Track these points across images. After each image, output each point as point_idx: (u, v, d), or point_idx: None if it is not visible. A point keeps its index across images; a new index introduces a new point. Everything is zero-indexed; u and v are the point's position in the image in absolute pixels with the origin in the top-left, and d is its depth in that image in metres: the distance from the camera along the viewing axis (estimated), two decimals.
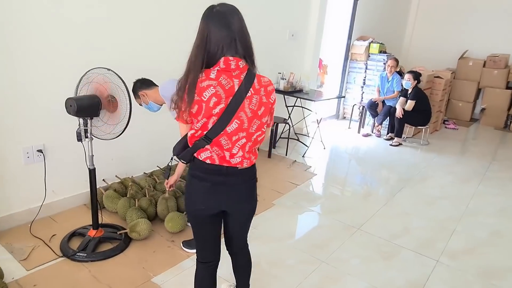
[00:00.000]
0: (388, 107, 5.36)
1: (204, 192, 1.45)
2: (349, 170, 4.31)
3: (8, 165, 2.40)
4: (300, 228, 2.90)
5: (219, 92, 1.31)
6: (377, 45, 5.82)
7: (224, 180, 1.44)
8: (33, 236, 2.41)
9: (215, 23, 1.31)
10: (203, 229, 1.57)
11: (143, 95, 2.37)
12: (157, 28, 3.02)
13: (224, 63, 1.32)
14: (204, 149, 1.39)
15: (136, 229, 2.44)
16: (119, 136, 2.12)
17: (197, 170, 1.44)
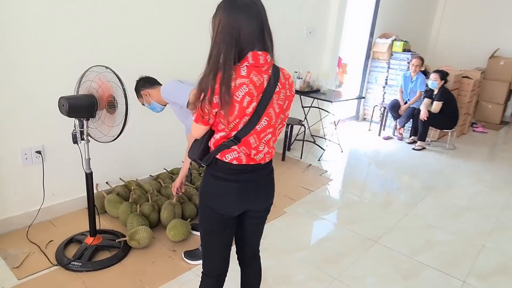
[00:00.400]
0: (411, 108, 5.05)
1: (232, 193, 1.37)
2: (368, 176, 4.06)
3: (5, 166, 2.30)
4: (312, 239, 2.69)
5: (251, 90, 1.23)
6: (401, 43, 5.51)
7: (250, 178, 1.37)
8: (30, 242, 2.31)
9: (245, 16, 1.21)
10: (219, 236, 1.45)
11: (145, 95, 2.22)
12: (157, 27, 2.86)
13: (253, 58, 1.23)
14: (231, 150, 1.31)
15: (135, 237, 2.30)
16: (116, 138, 1.96)
17: (220, 171, 1.34)
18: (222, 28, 1.21)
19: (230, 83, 1.19)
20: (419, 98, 5.06)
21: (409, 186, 3.82)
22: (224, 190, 1.36)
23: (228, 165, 1.33)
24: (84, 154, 2.08)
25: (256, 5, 1.23)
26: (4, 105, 2.20)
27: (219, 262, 1.51)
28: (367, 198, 3.45)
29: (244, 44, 1.22)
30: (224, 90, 1.19)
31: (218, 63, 1.21)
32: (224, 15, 1.21)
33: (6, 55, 2.14)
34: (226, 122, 1.26)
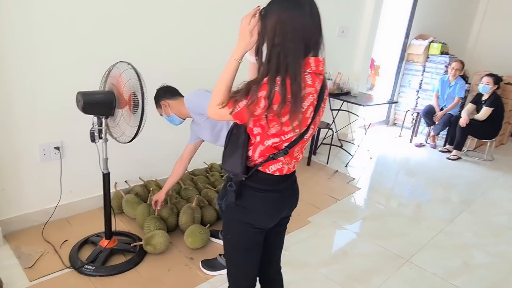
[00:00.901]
0: (448, 115, 4.75)
1: (273, 204, 1.29)
2: (398, 186, 3.83)
3: (23, 162, 2.23)
4: (337, 253, 2.50)
5: (315, 100, 1.16)
6: (438, 45, 5.20)
7: (287, 186, 1.31)
8: (44, 240, 2.24)
9: (308, 15, 1.09)
10: (254, 253, 1.36)
11: (165, 106, 2.11)
12: (186, 27, 2.74)
13: (315, 64, 1.13)
14: (276, 161, 1.22)
15: (152, 242, 2.19)
16: (132, 140, 1.85)
17: (260, 183, 1.25)
18: (284, 27, 1.07)
19: (301, 92, 1.08)
20: (456, 104, 4.76)
21: (443, 199, 3.56)
22: (264, 202, 1.27)
23: (270, 176, 1.24)
24: (102, 154, 1.99)
25: (314, 3, 1.12)
26: (24, 100, 2.13)
27: (252, 281, 1.44)
28: (397, 210, 3.23)
29: (308, 47, 1.11)
30: (298, 100, 1.08)
31: (280, 68, 1.07)
32: (285, 12, 1.07)
33: (27, 50, 2.06)
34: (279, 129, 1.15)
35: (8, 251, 2.13)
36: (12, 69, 2.04)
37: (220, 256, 2.17)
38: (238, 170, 1.22)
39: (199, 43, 2.86)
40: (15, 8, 1.96)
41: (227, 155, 1.27)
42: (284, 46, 1.06)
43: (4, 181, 2.19)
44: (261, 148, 1.20)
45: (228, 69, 1.15)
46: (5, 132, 2.12)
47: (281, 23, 1.06)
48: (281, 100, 1.06)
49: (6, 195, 2.22)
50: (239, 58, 1.15)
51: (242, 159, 1.21)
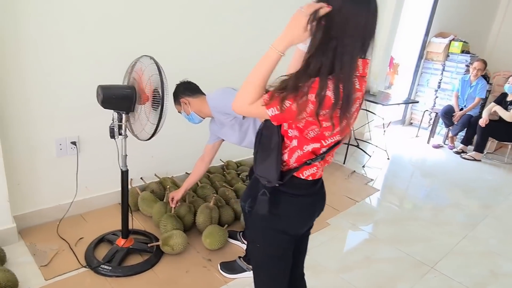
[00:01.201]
0: (468, 116, 4.62)
1: (306, 209, 1.23)
2: (417, 188, 3.72)
3: (39, 156, 2.18)
4: (358, 258, 2.41)
5: (359, 106, 1.10)
6: (459, 43, 5.06)
7: (317, 190, 1.24)
8: (60, 237, 2.18)
9: (372, 13, 0.99)
10: (287, 261, 1.29)
11: (185, 103, 2.02)
12: (186, 27, 2.64)
13: (362, 67, 1.04)
14: (311, 166, 1.15)
15: (169, 242, 2.12)
16: (151, 137, 1.77)
17: (294, 189, 1.17)
18: (345, 20, 0.95)
19: (352, 96, 1.00)
20: (477, 105, 4.63)
21: (465, 204, 3.44)
22: (298, 208, 1.21)
23: (304, 181, 1.17)
24: (121, 150, 1.92)
25: (374, 3, 1.00)
26: (41, 94, 2.06)
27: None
28: (417, 214, 3.12)
29: (363, 47, 1.02)
30: (346, 105, 0.99)
31: (335, 66, 0.97)
32: (350, 3, 0.95)
33: (44, 43, 1.99)
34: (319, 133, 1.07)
35: (23, 247, 2.08)
36: (29, 63, 1.98)
37: (239, 258, 2.10)
38: (273, 177, 1.13)
39: (199, 43, 2.75)
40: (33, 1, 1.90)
41: (259, 159, 1.18)
42: (342, 42, 0.95)
43: (20, 176, 2.13)
44: (299, 154, 1.12)
45: (267, 61, 0.99)
46: (21, 126, 2.06)
47: (343, 15, 0.94)
48: (332, 105, 0.97)
49: (22, 190, 2.16)
50: (283, 51, 0.98)
51: (277, 164, 1.12)
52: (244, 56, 2.92)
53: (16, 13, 1.86)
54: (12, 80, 1.95)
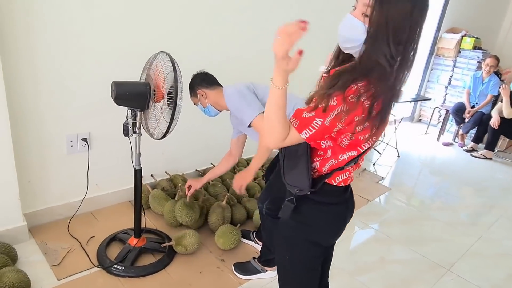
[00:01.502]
0: (480, 113, 4.55)
1: (340, 218, 1.17)
2: (429, 187, 3.66)
3: (50, 153, 2.13)
4: (372, 259, 2.37)
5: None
6: (471, 39, 4.97)
7: (349, 196, 1.18)
8: (71, 236, 2.15)
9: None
10: (316, 269, 1.24)
11: (201, 95, 1.95)
12: (187, 27, 2.58)
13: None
14: (343, 171, 1.09)
15: (183, 242, 2.08)
16: (164, 137, 1.72)
17: (327, 196, 1.12)
18: (416, 23, 0.90)
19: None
20: (489, 102, 4.55)
21: (478, 204, 3.39)
22: (331, 217, 1.15)
23: (336, 188, 1.11)
24: (135, 148, 1.87)
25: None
26: (51, 88, 2.01)
27: None
28: (430, 213, 3.08)
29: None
30: (386, 110, 0.95)
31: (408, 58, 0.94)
32: (420, 5, 0.89)
33: (56, 39, 1.93)
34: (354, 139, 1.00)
35: (34, 245, 2.04)
36: (41, 58, 1.92)
37: (253, 259, 2.05)
38: (305, 185, 1.07)
39: (199, 43, 2.69)
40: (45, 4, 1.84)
41: (287, 168, 1.13)
42: (408, 46, 0.91)
43: (30, 173, 2.09)
44: (333, 163, 1.06)
45: (275, 98, 0.92)
46: (32, 123, 2.01)
47: (414, 17, 0.88)
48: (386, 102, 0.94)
49: (32, 188, 2.12)
50: (284, 84, 0.91)
51: (308, 172, 1.06)
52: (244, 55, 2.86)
53: (28, 7, 1.80)
54: (23, 76, 1.90)
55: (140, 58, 1.85)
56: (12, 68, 1.84)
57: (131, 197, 2.55)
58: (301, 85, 1.38)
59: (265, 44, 2.97)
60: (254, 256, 2.10)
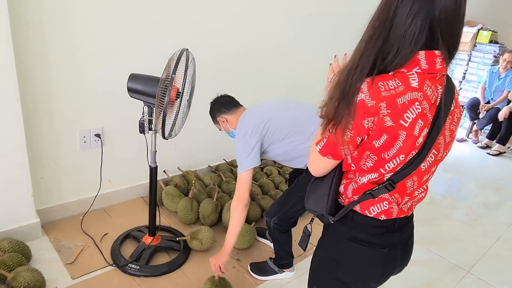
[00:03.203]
0: (495, 109, 4.45)
1: (379, 262, 0.97)
2: (444, 185, 3.59)
3: (63, 149, 2.09)
4: None
5: (426, 110, 0.81)
6: (488, 33, 4.84)
7: (399, 239, 0.98)
8: (84, 233, 2.12)
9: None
10: None
11: (222, 121, 1.87)
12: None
13: (427, 61, 0.81)
14: (378, 200, 0.91)
15: (198, 236, 2.05)
16: (167, 136, 1.67)
17: (360, 231, 0.95)
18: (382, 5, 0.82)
19: (395, 98, 0.80)
20: (505, 97, 4.44)
21: (496, 203, 3.32)
22: (367, 260, 0.97)
23: (373, 222, 0.93)
24: (151, 146, 1.82)
25: None
26: (63, 82, 1.96)
27: None
28: (448, 213, 3.01)
29: (399, 36, 0.80)
30: (385, 108, 0.80)
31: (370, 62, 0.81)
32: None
33: (69, 32, 1.88)
34: (377, 159, 0.86)
35: (47, 243, 2.01)
36: (54, 52, 1.87)
37: (270, 260, 2.01)
38: (322, 210, 0.95)
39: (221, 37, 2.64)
40: None
41: (311, 189, 1.01)
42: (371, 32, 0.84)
43: (44, 169, 2.05)
44: (354, 186, 0.93)
45: None
46: (45, 118, 1.97)
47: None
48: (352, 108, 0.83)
49: (45, 184, 2.09)
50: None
51: (329, 196, 0.94)
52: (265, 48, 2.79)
53: (43, 1, 1.74)
54: (36, 71, 1.85)
55: (156, 52, 1.80)
56: (24, 63, 1.79)
57: (144, 193, 2.52)
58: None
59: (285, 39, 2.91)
60: (270, 255, 2.06)
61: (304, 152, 1.67)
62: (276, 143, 1.69)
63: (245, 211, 1.69)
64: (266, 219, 1.85)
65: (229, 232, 1.71)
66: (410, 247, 1.04)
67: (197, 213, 2.30)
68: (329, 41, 3.31)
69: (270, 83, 3.00)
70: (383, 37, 0.81)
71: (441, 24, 0.80)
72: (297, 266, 2.04)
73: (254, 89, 2.85)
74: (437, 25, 0.80)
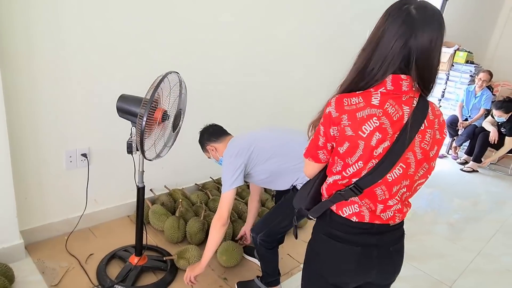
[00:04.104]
0: (473, 126, 4.63)
1: (352, 259, 1.06)
2: (425, 201, 3.68)
3: (48, 169, 2.08)
4: None
5: (384, 125, 0.93)
6: (464, 53, 5.06)
7: (375, 242, 1.05)
8: (69, 253, 2.09)
9: (401, 28, 0.91)
10: None
11: (212, 150, 1.94)
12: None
13: (393, 83, 0.93)
14: (349, 202, 1.03)
15: (185, 255, 2.05)
16: (156, 158, 1.70)
17: (337, 229, 1.06)
18: (371, 33, 0.96)
19: (355, 112, 0.94)
20: (482, 115, 4.63)
21: (474, 218, 3.41)
22: (341, 254, 1.06)
23: (347, 222, 1.04)
24: (138, 166, 1.84)
25: (430, 19, 0.90)
26: (50, 101, 1.96)
27: None
28: (428, 229, 3.08)
29: (380, 60, 0.92)
30: (346, 120, 0.94)
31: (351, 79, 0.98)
32: (381, 18, 0.96)
33: (58, 50, 1.90)
34: (343, 164, 0.98)
35: (31, 264, 1.98)
36: (40, 71, 1.88)
37: (257, 278, 2.02)
38: (302, 205, 1.10)
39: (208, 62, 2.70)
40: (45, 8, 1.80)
41: (299, 190, 1.16)
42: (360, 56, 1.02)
43: (28, 189, 2.04)
44: (329, 182, 1.06)
45: None
46: (30, 138, 1.96)
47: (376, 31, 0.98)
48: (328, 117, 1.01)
49: (29, 204, 2.06)
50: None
51: (309, 193, 1.10)
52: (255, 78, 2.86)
53: (28, 16, 1.76)
54: (21, 90, 1.85)
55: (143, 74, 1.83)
56: (9, 82, 1.78)
57: (130, 212, 2.51)
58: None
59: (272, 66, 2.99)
60: (257, 274, 2.08)
61: (288, 172, 1.73)
62: (260, 165, 1.76)
63: (223, 230, 1.77)
64: (253, 235, 1.89)
65: (206, 248, 1.80)
66: (393, 253, 1.10)
67: (184, 232, 2.30)
68: (318, 68, 3.40)
69: (258, 107, 3.06)
70: (367, 60, 0.94)
71: (417, 55, 0.91)
72: (284, 284, 2.06)
73: (242, 112, 2.92)
74: (413, 55, 0.91)
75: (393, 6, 0.94)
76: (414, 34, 0.89)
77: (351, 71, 0.98)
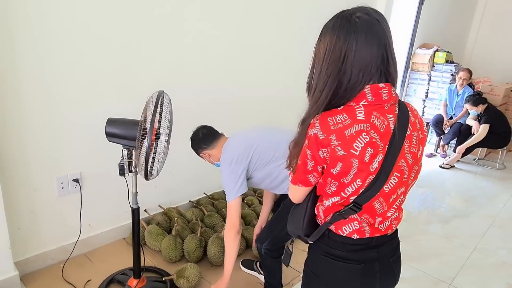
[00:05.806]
0: (458, 124, 4.72)
1: (355, 278, 1.03)
2: (418, 200, 3.72)
3: (40, 197, 2.05)
4: None
5: (374, 139, 0.91)
6: (443, 54, 5.18)
7: (376, 256, 1.04)
8: (65, 281, 2.05)
9: (362, 38, 0.88)
10: None
11: (205, 156, 1.92)
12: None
13: (373, 94, 0.91)
14: (349, 220, 1.00)
15: (184, 274, 2.03)
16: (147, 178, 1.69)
17: (336, 248, 1.03)
18: (328, 54, 0.91)
19: (343, 130, 0.90)
20: (465, 113, 4.72)
21: (467, 214, 3.46)
22: (343, 274, 1.04)
23: (347, 240, 1.01)
24: (132, 188, 1.83)
25: (378, 24, 0.90)
26: (39, 128, 1.95)
27: None
28: (425, 227, 3.12)
29: (355, 75, 0.90)
30: (335, 140, 0.91)
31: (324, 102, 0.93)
32: (331, 36, 0.91)
33: (40, 69, 1.88)
34: (338, 184, 0.96)
35: None
36: (27, 96, 1.87)
37: None
38: (298, 231, 1.06)
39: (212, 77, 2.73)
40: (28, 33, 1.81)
41: (291, 214, 1.13)
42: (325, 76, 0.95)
43: (20, 219, 2.01)
44: (327, 204, 1.01)
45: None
46: (20, 166, 1.94)
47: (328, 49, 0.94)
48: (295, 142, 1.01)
49: (22, 234, 2.03)
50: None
51: (303, 218, 1.05)
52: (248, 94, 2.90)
53: (17, 38, 1.76)
54: (10, 116, 1.84)
55: (131, 93, 1.84)
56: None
57: (126, 234, 2.48)
58: None
59: None
60: (257, 286, 2.06)
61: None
62: (261, 169, 1.74)
63: (238, 237, 1.74)
64: (258, 245, 1.88)
65: (226, 260, 1.77)
66: (392, 264, 1.09)
67: (182, 250, 2.28)
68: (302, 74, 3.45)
69: (245, 114, 3.08)
70: (339, 75, 0.90)
71: (391, 58, 0.92)
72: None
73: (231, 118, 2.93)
74: (386, 59, 0.92)
75: (337, 22, 0.91)
76: (378, 37, 0.89)
77: (321, 98, 0.93)
